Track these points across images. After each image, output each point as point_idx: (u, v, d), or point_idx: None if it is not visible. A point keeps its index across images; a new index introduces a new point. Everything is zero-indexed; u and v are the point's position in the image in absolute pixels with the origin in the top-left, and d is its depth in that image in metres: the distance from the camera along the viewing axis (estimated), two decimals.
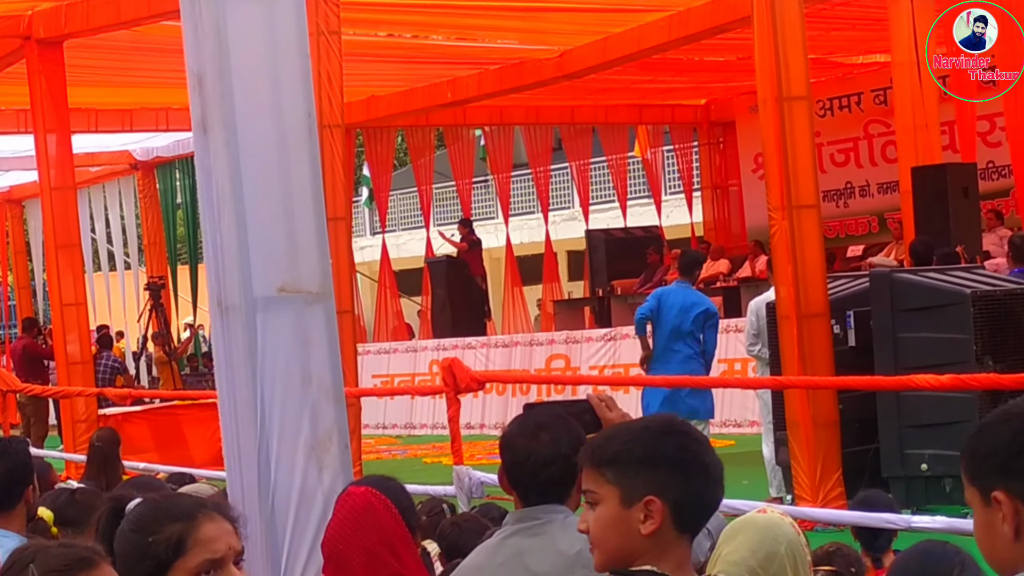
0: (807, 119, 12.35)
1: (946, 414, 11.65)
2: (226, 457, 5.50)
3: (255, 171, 5.33)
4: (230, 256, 5.36)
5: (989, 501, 2.99)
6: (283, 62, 5.41)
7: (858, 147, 24.90)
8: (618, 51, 20.78)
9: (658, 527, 3.24)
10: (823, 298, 12.14)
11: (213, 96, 5.37)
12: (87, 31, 17.31)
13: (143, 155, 28.72)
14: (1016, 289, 12.59)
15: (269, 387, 5.30)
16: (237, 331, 5.36)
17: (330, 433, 5.36)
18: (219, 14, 5.32)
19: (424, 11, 18.69)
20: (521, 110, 26.51)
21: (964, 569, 4.91)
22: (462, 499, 9.32)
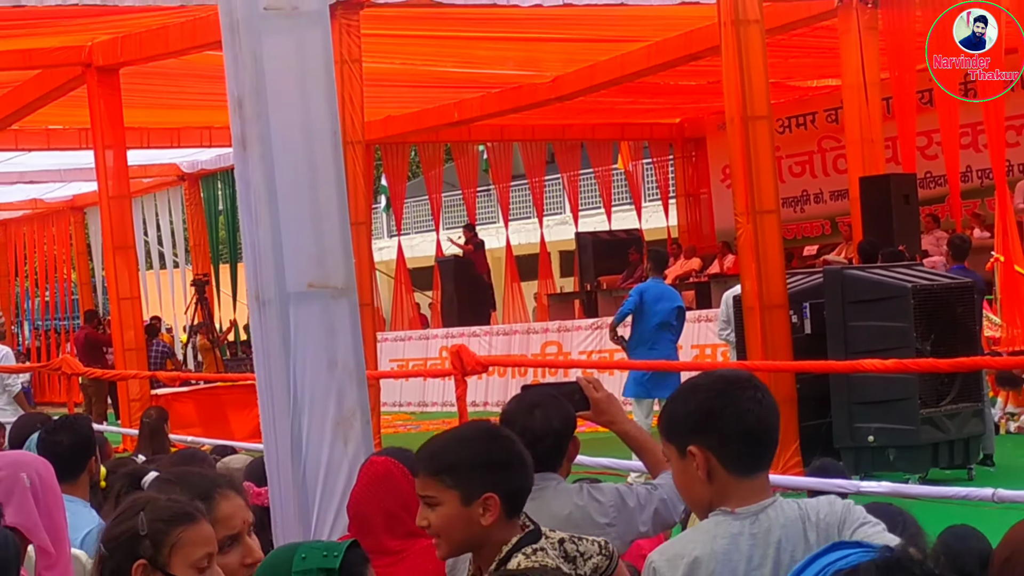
0: (768, 136, 12.34)
1: (889, 393, 11.66)
2: (263, 431, 5.51)
3: (287, 182, 5.34)
4: (266, 256, 5.37)
5: (684, 454, 3.37)
6: (311, 86, 5.42)
7: (813, 160, 24.89)
8: (603, 76, 20.81)
9: (496, 518, 3.51)
10: (782, 292, 12.14)
11: (251, 116, 5.38)
12: (140, 60, 17.30)
13: (189, 168, 28.71)
14: (950, 283, 12.59)
15: (300, 370, 5.31)
16: (273, 322, 5.37)
17: (353, 410, 5.37)
18: (256, 44, 5.33)
19: (434, 42, 18.67)
20: (519, 128, 26.47)
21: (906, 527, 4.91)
22: None
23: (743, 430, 3.35)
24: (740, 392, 3.40)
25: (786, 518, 3.37)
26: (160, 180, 29.41)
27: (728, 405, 3.37)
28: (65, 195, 30.78)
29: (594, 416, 4.38)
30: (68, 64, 17.83)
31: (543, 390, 4.59)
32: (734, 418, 3.35)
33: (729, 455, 3.34)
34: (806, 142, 24.83)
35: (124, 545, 3.31)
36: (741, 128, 12.18)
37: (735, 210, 12.65)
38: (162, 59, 17.16)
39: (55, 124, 22.26)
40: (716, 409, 3.36)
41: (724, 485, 3.35)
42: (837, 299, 12.13)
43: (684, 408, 3.42)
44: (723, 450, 3.34)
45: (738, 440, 3.35)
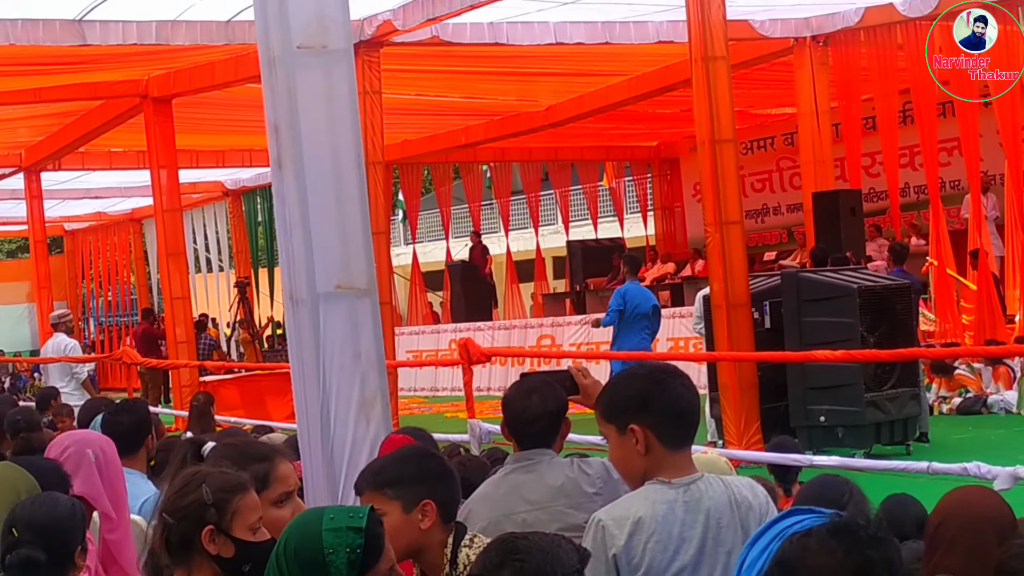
0: (733, 156, 12.33)
1: (838, 379, 11.65)
2: (297, 413, 5.50)
3: (317, 197, 5.33)
4: (299, 261, 5.36)
5: (624, 432, 3.44)
6: (338, 115, 5.41)
7: (771, 178, 24.87)
8: (590, 105, 20.81)
9: (433, 522, 3.62)
10: (746, 292, 12.12)
11: (286, 141, 5.38)
12: (190, 91, 17.30)
13: (232, 185, 28.70)
14: (891, 284, 12.59)
15: (329, 361, 5.30)
16: (305, 319, 5.36)
17: (375, 395, 5.36)
18: (290, 78, 5.33)
19: (444, 76, 18.68)
20: (517, 150, 26.46)
21: (852, 495, 4.91)
22: (474, 444, 9.30)
23: (676, 411, 3.46)
24: (672, 380, 3.50)
25: (714, 491, 3.43)
26: (207, 196, 29.41)
27: (665, 390, 3.47)
28: (125, 209, 30.80)
29: (583, 400, 4.38)
30: (127, 96, 17.84)
31: (539, 377, 4.59)
32: (670, 401, 3.45)
33: (664, 432, 3.42)
34: (766, 162, 24.82)
35: (192, 514, 3.33)
36: (710, 150, 12.17)
37: (704, 221, 12.63)
38: (209, 91, 17.17)
39: (116, 147, 22.27)
40: (655, 394, 3.46)
41: (659, 458, 3.42)
42: (793, 298, 12.13)
43: (626, 393, 3.52)
44: (660, 427, 3.42)
45: (672, 419, 3.45)
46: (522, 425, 4.25)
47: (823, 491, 4.97)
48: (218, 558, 3.31)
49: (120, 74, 17.02)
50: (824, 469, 7.05)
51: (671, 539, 3.33)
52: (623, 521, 3.32)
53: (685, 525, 3.36)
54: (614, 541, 3.30)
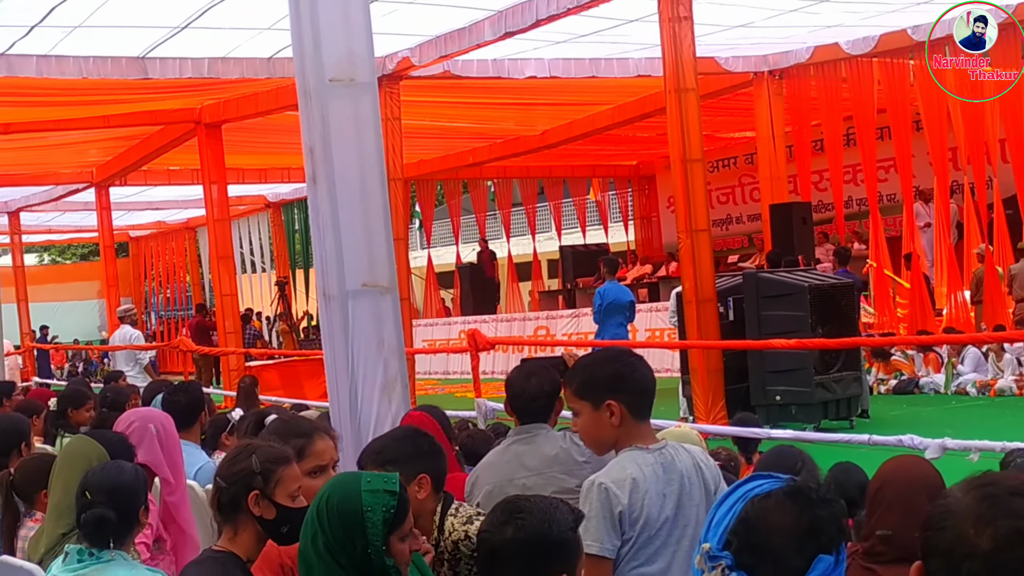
0: (701, 174, 12.33)
1: (791, 364, 11.66)
2: (329, 393, 5.51)
3: (346, 208, 5.33)
4: (330, 263, 5.37)
5: (599, 407, 3.44)
6: (363, 138, 5.41)
7: (734, 192, 24.87)
8: (579, 130, 20.83)
9: (428, 493, 3.68)
10: (712, 289, 12.12)
11: (319, 160, 5.38)
12: (237, 118, 17.30)
13: (273, 198, 28.70)
14: (836, 283, 12.60)
15: (356, 348, 5.31)
16: (336, 312, 5.36)
17: (395, 377, 5.36)
18: (323, 107, 5.33)
19: (454, 105, 18.66)
20: (517, 168, 26.44)
21: (804, 463, 4.92)
22: (480, 420, 9.30)
23: (644, 388, 3.50)
24: (637, 362, 3.56)
25: (682, 456, 3.47)
26: (252, 207, 29.43)
27: (635, 371, 3.51)
28: (181, 218, 30.82)
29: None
30: (183, 122, 17.86)
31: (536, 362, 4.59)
32: (639, 379, 3.49)
33: (634, 406, 3.44)
34: (729, 178, 24.83)
35: (241, 480, 3.35)
36: (681, 168, 12.17)
37: (677, 229, 12.64)
38: (253, 118, 17.17)
39: (174, 166, 22.27)
40: (627, 374, 3.48)
41: (629, 429, 3.43)
42: (753, 295, 12.14)
43: (601, 373, 3.51)
44: (631, 402, 3.43)
45: (640, 395, 3.48)
46: (522, 403, 4.26)
47: (779, 460, 4.98)
48: (260, 519, 3.32)
49: (177, 103, 17.03)
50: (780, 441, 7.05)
51: (658, 495, 3.35)
52: (622, 482, 3.32)
53: (665, 483, 3.37)
54: (619, 500, 3.30)
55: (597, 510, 3.29)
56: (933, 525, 1.91)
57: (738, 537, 2.27)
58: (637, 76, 16.09)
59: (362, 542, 2.85)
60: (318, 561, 2.87)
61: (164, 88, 15.21)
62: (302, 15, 5.37)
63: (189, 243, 32.44)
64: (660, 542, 3.33)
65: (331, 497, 2.91)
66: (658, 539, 3.33)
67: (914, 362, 15.25)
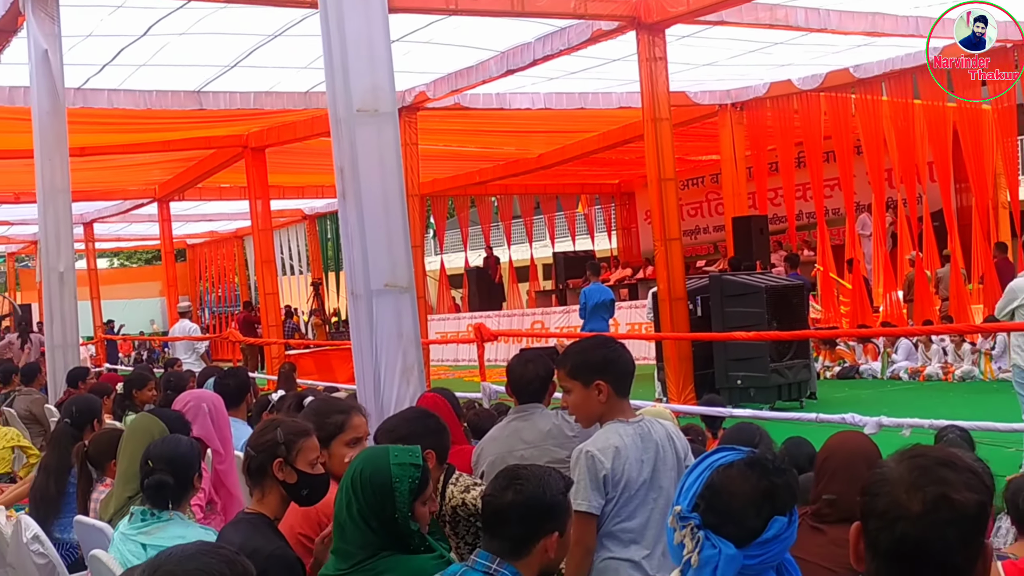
0: (674, 191, 12.35)
1: (750, 353, 11.66)
2: (356, 377, 5.51)
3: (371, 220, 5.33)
4: (357, 267, 5.36)
5: (589, 386, 3.44)
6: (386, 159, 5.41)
7: (702, 206, 24.84)
8: (570, 153, 20.82)
9: (433, 465, 3.54)
10: (683, 289, 12.13)
11: (349, 179, 5.38)
12: (279, 143, 17.31)
13: (309, 211, 28.68)
14: (788, 284, 12.59)
15: (379, 339, 5.30)
16: (362, 308, 5.36)
17: (413, 364, 5.36)
18: (351, 133, 5.33)
19: (463, 133, 18.62)
20: (517, 186, 26.40)
21: (761, 437, 4.91)
22: (485, 400, 9.29)
23: (627, 371, 3.52)
24: (621, 348, 3.57)
25: (656, 428, 3.49)
26: (291, 219, 29.42)
27: (621, 356, 3.53)
28: (230, 228, 30.81)
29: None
30: (232, 146, 17.87)
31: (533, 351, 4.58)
32: (623, 364, 3.51)
33: (618, 385, 3.47)
34: (697, 195, 24.82)
35: (268, 449, 3.35)
36: (657, 186, 12.19)
37: (654, 238, 12.65)
38: (292, 143, 17.16)
39: (224, 184, 22.27)
40: (614, 359, 3.50)
41: (613, 405, 3.45)
42: (717, 294, 12.14)
43: (593, 357, 3.51)
44: (616, 382, 3.45)
45: (623, 377, 3.50)
46: (520, 386, 4.25)
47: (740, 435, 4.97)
48: (284, 483, 3.33)
49: (227, 130, 17.03)
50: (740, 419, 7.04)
51: (637, 461, 3.35)
52: (606, 450, 3.33)
53: (643, 451, 3.38)
54: (603, 465, 3.30)
55: (585, 474, 3.30)
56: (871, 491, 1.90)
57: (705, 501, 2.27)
58: (619, 107, 16.10)
59: (391, 508, 2.85)
60: (352, 525, 2.86)
61: (216, 118, 15.22)
62: (334, 56, 5.37)
63: (237, 250, 32.42)
64: (639, 501, 3.34)
65: (364, 470, 2.90)
66: (637, 498, 3.34)
67: (855, 352, 15.26)
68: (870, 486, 1.92)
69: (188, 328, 16.70)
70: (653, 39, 11.91)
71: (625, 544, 3.31)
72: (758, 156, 18.52)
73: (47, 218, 9.45)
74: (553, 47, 12.32)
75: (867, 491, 1.92)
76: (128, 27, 10.82)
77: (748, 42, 13.72)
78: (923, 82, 15.45)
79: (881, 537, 1.87)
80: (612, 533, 3.32)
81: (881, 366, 14.74)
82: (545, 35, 12.33)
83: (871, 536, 1.89)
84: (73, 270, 9.59)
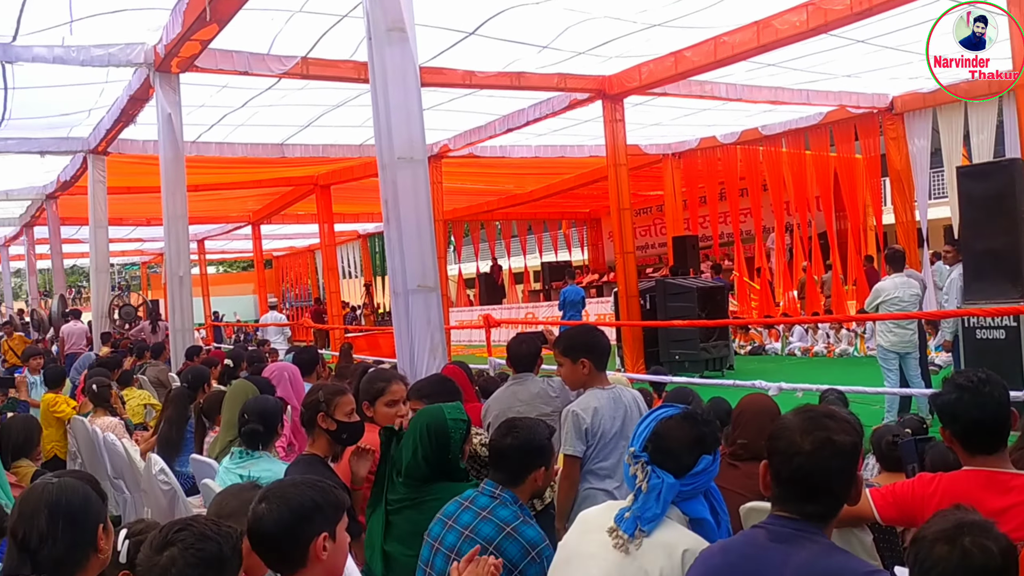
0: (629, 217, 12.35)
1: (685, 336, 11.66)
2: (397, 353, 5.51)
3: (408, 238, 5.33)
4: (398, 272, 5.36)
5: (575, 362, 3.41)
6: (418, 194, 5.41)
7: (650, 229, 24.78)
8: (554, 189, 20.77)
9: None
10: (636, 289, 12.13)
11: (391, 208, 5.37)
12: (341, 181, 17.24)
13: (363, 232, 28.63)
14: (713, 286, 12.57)
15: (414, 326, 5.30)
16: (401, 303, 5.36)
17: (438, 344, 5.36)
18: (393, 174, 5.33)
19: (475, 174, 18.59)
20: (515, 214, 26.31)
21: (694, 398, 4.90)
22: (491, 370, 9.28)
23: (605, 351, 3.50)
24: (600, 335, 3.55)
25: (626, 394, 3.47)
26: (349, 238, 29.37)
27: (600, 341, 3.51)
28: (304, 244, 30.77)
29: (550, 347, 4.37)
30: (306, 184, 17.83)
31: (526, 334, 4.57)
32: (603, 346, 3.50)
33: (598, 362, 3.45)
34: (647, 220, 24.75)
35: (313, 407, 3.36)
36: (617, 214, 12.19)
37: (615, 251, 12.65)
38: (350, 182, 17.13)
39: (300, 212, 22.22)
40: (595, 342, 3.49)
41: (593, 376, 3.45)
42: (662, 293, 12.14)
43: (579, 341, 3.48)
44: (596, 360, 3.45)
45: (602, 355, 3.48)
46: (517, 360, 4.24)
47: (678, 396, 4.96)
48: (328, 431, 3.31)
49: (302, 172, 17.01)
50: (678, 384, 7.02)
51: (610, 418, 3.34)
52: (587, 410, 3.33)
53: (615, 410, 3.37)
54: (584, 420, 3.31)
55: (571, 427, 3.30)
56: (774, 435, 1.91)
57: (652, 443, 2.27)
58: (589, 156, 16.08)
59: (447, 452, 2.88)
60: (415, 464, 2.89)
61: (294, 163, 15.21)
62: (380, 117, 5.38)
63: (310, 260, 32.34)
64: (611, 447, 3.34)
65: (429, 424, 2.92)
66: (610, 446, 3.33)
67: (762, 335, 15.24)
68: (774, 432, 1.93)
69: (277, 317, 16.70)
70: (614, 106, 11.90)
71: (601, 478, 3.32)
72: (691, 192, 18.50)
73: (170, 236, 9.45)
74: (541, 112, 12.33)
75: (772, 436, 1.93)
76: (230, 100, 10.82)
77: (684, 109, 13.73)
78: (813, 137, 15.45)
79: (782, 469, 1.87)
80: (592, 471, 3.32)
81: (781, 346, 14.73)
82: (535, 103, 12.34)
83: (775, 469, 1.90)
84: (189, 275, 9.59)
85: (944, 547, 1.70)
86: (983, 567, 1.67)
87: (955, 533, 1.71)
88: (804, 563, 1.77)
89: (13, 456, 4.29)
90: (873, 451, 4.07)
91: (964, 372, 2.50)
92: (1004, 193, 6.90)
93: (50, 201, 16.59)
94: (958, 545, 1.69)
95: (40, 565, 1.85)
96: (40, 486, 1.97)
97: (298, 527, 1.94)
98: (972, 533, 1.70)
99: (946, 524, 1.73)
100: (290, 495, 1.98)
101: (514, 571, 2.52)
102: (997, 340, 6.81)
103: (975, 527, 1.72)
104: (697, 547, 2.09)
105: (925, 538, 1.75)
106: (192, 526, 1.73)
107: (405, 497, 2.89)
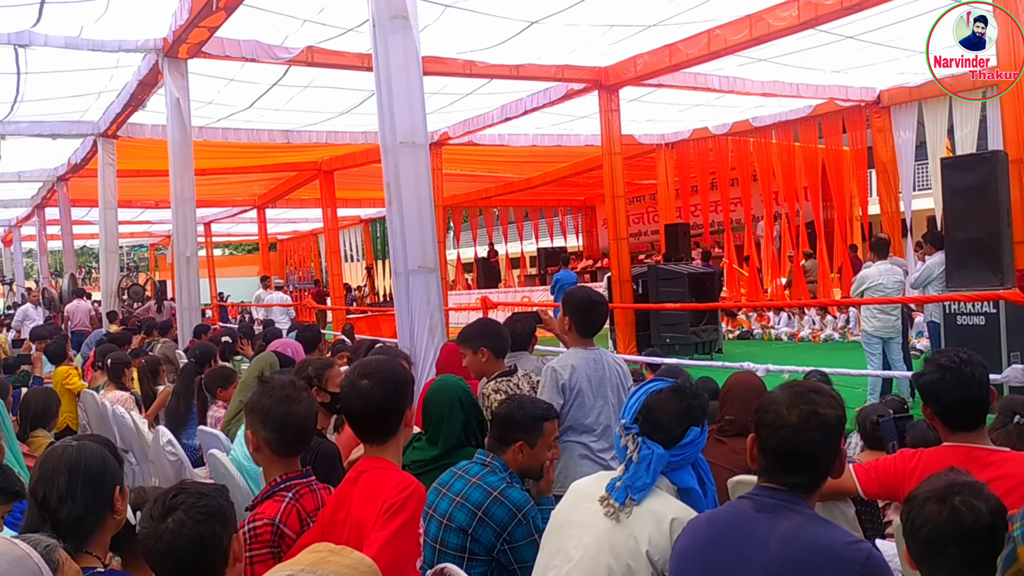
0: (623, 205, 12.32)
1: (676, 319, 11.69)
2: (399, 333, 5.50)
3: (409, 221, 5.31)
4: (399, 253, 5.35)
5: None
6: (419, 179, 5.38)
7: (643, 216, 24.72)
8: (551, 178, 20.69)
9: (488, 357, 3.76)
10: (629, 274, 12.14)
11: (394, 192, 5.35)
12: (344, 167, 17.19)
13: (365, 216, 28.47)
14: (704, 272, 12.59)
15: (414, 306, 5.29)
16: (402, 283, 5.34)
17: (437, 323, 5.35)
18: (396, 159, 5.30)
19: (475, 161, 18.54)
20: (512, 200, 26.27)
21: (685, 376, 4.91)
22: None
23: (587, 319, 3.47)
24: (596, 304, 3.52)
25: (607, 356, 3.49)
26: (351, 222, 29.26)
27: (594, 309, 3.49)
28: (308, 228, 30.69)
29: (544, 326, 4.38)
30: (311, 169, 17.74)
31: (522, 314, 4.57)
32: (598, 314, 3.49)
33: (581, 326, 3.45)
34: (640, 208, 24.70)
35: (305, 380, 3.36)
36: (611, 202, 12.16)
37: (608, 238, 12.62)
38: (353, 167, 17.07)
39: (304, 196, 22.14)
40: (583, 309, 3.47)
41: (576, 338, 3.48)
42: (654, 278, 12.14)
43: (569, 306, 3.48)
44: (580, 325, 3.45)
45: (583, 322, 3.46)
46: (513, 339, 4.25)
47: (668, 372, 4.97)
48: (322, 404, 3.33)
49: (306, 156, 16.93)
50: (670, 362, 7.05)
51: (587, 376, 3.37)
52: (565, 367, 3.37)
53: (594, 369, 3.39)
54: (561, 376, 3.35)
55: (548, 382, 3.35)
56: (762, 409, 1.91)
57: (642, 415, 2.27)
58: (585, 145, 16.01)
59: (482, 417, 3.09)
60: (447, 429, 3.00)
61: (299, 149, 15.14)
62: (383, 104, 5.34)
63: (313, 243, 32.28)
64: (590, 404, 3.37)
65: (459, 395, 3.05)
66: (588, 402, 3.36)
67: (750, 320, 15.26)
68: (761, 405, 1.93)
69: (281, 298, 16.66)
70: (610, 97, 11.85)
71: (580, 433, 3.36)
72: (683, 181, 18.45)
73: (177, 219, 9.42)
74: (539, 102, 12.27)
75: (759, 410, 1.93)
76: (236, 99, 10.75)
77: (677, 104, 13.68)
78: (802, 130, 15.41)
79: (769, 441, 1.87)
80: (572, 426, 3.36)
81: (763, 331, 14.76)
82: (533, 93, 12.28)
83: (762, 441, 1.89)
84: (196, 256, 9.56)
85: (935, 505, 1.70)
86: (971, 525, 1.67)
87: (946, 492, 1.71)
88: (788, 532, 1.77)
89: (32, 426, 4.30)
90: (858, 430, 4.09)
91: (946, 352, 2.50)
92: (986, 184, 6.90)
93: (61, 183, 16.50)
94: (948, 504, 1.69)
95: (59, 524, 1.87)
96: (60, 448, 1.98)
97: (399, 397, 2.15)
98: (963, 493, 1.71)
99: (938, 484, 1.74)
100: (388, 370, 2.16)
101: (503, 533, 2.53)
102: (977, 326, 6.83)
103: (966, 487, 1.72)
104: (685, 516, 2.10)
105: (917, 497, 1.76)
106: (186, 488, 1.74)
107: (432, 459, 2.98)
